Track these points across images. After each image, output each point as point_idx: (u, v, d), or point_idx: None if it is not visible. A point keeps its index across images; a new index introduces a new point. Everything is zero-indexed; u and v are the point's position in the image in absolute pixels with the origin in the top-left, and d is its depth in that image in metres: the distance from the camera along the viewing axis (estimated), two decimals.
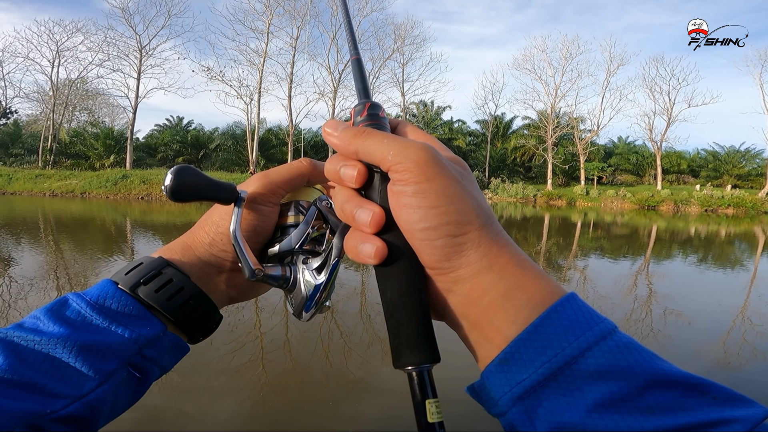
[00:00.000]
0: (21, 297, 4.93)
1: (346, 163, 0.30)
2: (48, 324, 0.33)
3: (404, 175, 0.28)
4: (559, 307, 0.26)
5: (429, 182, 0.27)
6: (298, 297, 0.39)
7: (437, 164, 0.28)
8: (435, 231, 0.27)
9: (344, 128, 0.31)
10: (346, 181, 0.30)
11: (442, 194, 0.27)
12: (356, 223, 0.30)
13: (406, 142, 0.28)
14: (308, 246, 0.40)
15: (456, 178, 0.28)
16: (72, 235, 10.64)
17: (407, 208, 0.28)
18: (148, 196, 22.07)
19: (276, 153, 32.27)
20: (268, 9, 26.46)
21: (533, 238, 12.34)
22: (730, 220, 19.24)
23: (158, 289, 0.36)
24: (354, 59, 0.39)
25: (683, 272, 8.13)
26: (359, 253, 0.29)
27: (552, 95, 31.92)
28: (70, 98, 31.20)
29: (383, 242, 0.29)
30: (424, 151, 0.28)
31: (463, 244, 0.27)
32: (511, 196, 29.29)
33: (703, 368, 3.58)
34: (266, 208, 0.41)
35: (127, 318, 0.35)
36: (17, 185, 23.65)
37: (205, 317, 0.39)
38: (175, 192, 0.36)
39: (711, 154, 34.34)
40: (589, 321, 0.26)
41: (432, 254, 0.28)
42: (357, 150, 0.30)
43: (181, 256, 0.40)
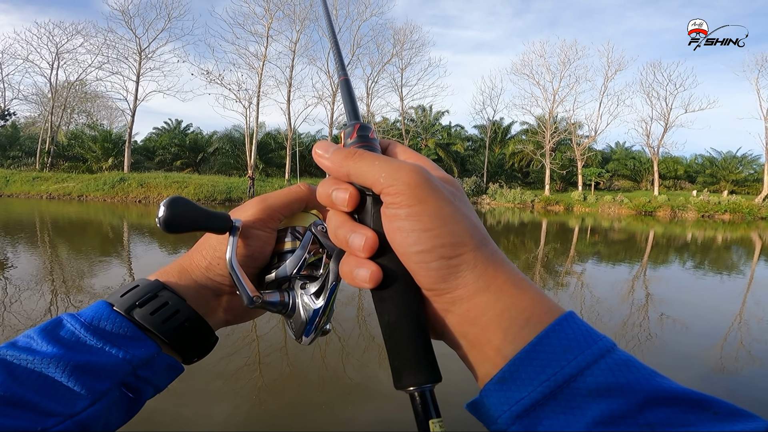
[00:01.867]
0: (16, 300, 4.91)
1: (338, 186, 0.30)
2: (42, 344, 0.33)
3: (396, 198, 0.27)
4: (557, 327, 0.26)
5: (421, 204, 0.27)
6: (297, 321, 0.39)
7: (429, 186, 0.28)
8: (430, 254, 0.27)
9: (335, 150, 0.31)
10: (338, 204, 0.30)
11: (435, 216, 0.27)
12: (350, 248, 0.30)
13: (398, 164, 0.28)
14: (306, 271, 0.40)
15: (449, 199, 0.28)
16: (69, 238, 10.61)
17: (401, 232, 0.28)
18: (146, 199, 22.03)
19: (274, 157, 32.27)
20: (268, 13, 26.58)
21: (531, 244, 12.36)
22: (727, 226, 19.31)
23: (153, 312, 0.37)
24: (342, 80, 0.39)
25: (680, 278, 8.14)
26: (354, 277, 0.29)
27: (550, 100, 32.07)
28: (68, 100, 31.20)
29: (378, 266, 0.29)
30: (416, 173, 0.28)
31: (459, 266, 0.27)
32: (509, 201, 29.34)
33: (700, 373, 3.59)
34: (264, 233, 0.41)
35: (121, 339, 0.35)
36: (14, 187, 23.58)
37: (201, 339, 0.40)
38: (169, 223, 0.36)
39: (708, 159, 34.51)
40: (588, 339, 0.26)
41: (428, 276, 0.28)
42: (348, 172, 0.29)
43: (178, 279, 0.40)
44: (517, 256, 10.06)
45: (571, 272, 8.04)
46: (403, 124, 33.05)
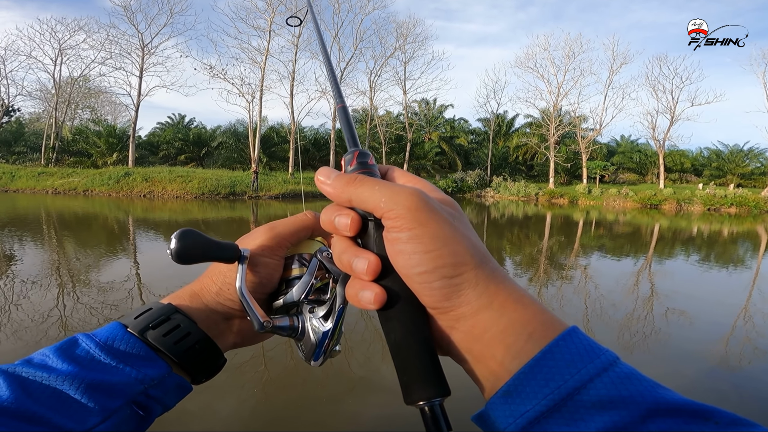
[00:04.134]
0: (24, 296, 4.95)
1: (340, 212, 0.31)
2: (57, 361, 0.34)
3: (397, 221, 0.29)
4: (561, 342, 0.27)
5: (422, 227, 0.28)
6: (308, 344, 0.40)
7: (428, 208, 0.29)
8: (432, 274, 0.28)
9: (337, 177, 0.32)
10: (340, 230, 0.31)
11: (436, 238, 0.28)
12: (354, 272, 0.31)
13: (397, 189, 0.29)
14: (313, 296, 0.41)
15: (448, 221, 0.29)
16: (75, 232, 10.67)
17: (403, 254, 0.29)
18: (150, 194, 22.10)
19: (278, 151, 32.27)
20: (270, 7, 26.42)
21: (535, 237, 12.32)
22: (733, 219, 19.17)
23: (166, 334, 0.38)
24: (339, 107, 0.40)
25: (685, 271, 8.11)
26: (360, 300, 0.30)
27: (554, 93, 31.82)
28: (72, 96, 31.25)
29: (382, 288, 0.30)
30: (415, 197, 0.29)
31: (461, 285, 0.28)
32: (513, 194, 29.24)
33: (705, 368, 3.57)
34: (272, 261, 0.42)
35: (134, 359, 0.36)
36: (20, 183, 23.72)
37: (210, 361, 0.41)
38: (180, 255, 0.37)
39: (714, 152, 34.21)
40: (591, 354, 0.26)
41: (431, 296, 0.29)
42: (350, 198, 0.31)
43: (189, 303, 0.42)
44: (522, 250, 10.03)
45: (575, 266, 8.01)
46: (406, 118, 32.92)
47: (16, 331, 3.81)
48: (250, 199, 21.97)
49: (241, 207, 18.40)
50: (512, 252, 9.75)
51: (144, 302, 4.81)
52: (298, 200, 22.37)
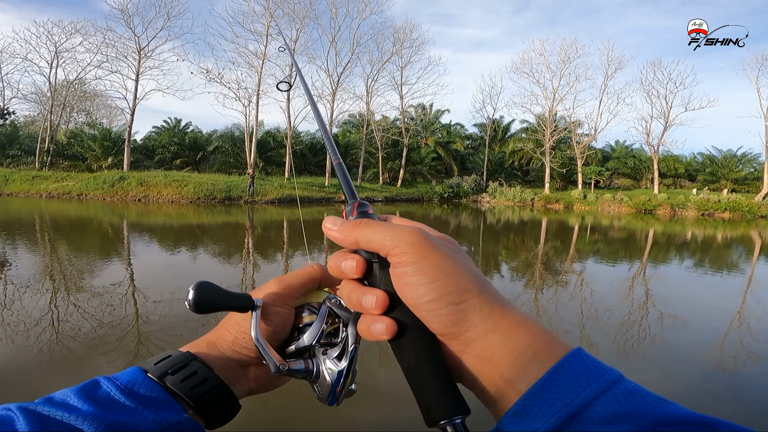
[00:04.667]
0: (17, 299, 4.90)
1: (345, 257, 0.34)
2: (78, 401, 0.35)
3: (402, 257, 0.31)
4: (566, 362, 0.28)
5: (425, 260, 0.31)
6: (324, 385, 0.42)
7: (429, 243, 0.32)
8: (438, 302, 0.30)
9: (343, 222, 0.35)
10: (347, 273, 0.34)
11: (439, 269, 0.31)
12: (364, 308, 0.33)
13: (400, 228, 0.32)
14: (324, 340, 0.43)
15: (448, 253, 0.32)
16: (69, 236, 10.60)
17: (410, 286, 0.31)
18: (146, 198, 22.00)
19: (274, 155, 32.24)
20: (267, 11, 26.45)
21: (531, 242, 12.36)
22: (727, 224, 19.30)
23: (184, 379, 0.40)
24: (337, 164, 0.43)
25: (680, 276, 8.14)
26: (372, 332, 0.32)
27: (550, 99, 32.02)
28: (68, 99, 31.07)
29: (392, 319, 0.32)
30: (416, 233, 0.32)
31: (466, 310, 0.30)
32: (508, 199, 29.33)
33: (700, 372, 3.58)
34: (284, 310, 0.45)
35: (153, 402, 0.37)
36: (14, 186, 23.56)
37: (225, 406, 0.43)
38: (198, 305, 0.40)
39: (708, 158, 34.51)
40: (595, 373, 0.28)
41: (440, 322, 0.31)
42: (357, 240, 0.33)
43: (207, 351, 0.45)
44: (518, 255, 10.05)
45: (571, 271, 8.04)
46: (403, 123, 33.00)
47: (10, 336, 3.77)
48: (246, 203, 21.92)
49: (237, 212, 18.35)
50: (509, 257, 9.76)
51: (137, 308, 4.78)
52: (294, 205, 22.33)
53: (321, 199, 24.61)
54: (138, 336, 3.93)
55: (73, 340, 3.73)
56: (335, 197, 25.17)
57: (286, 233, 12.12)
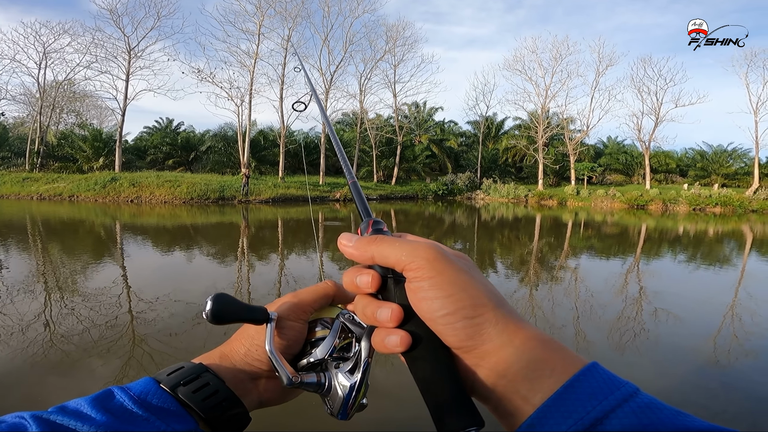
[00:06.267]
0: (9, 302, 4.85)
1: (360, 272, 0.35)
2: (91, 411, 0.35)
3: (418, 272, 0.32)
4: (581, 376, 0.28)
5: (441, 275, 0.32)
6: (335, 399, 0.42)
7: (445, 259, 0.32)
8: (454, 315, 0.31)
9: (358, 239, 0.36)
10: (362, 288, 0.35)
11: (454, 283, 0.31)
12: (378, 321, 0.34)
13: (415, 243, 0.33)
14: (337, 354, 0.44)
15: (463, 269, 0.33)
16: (61, 238, 10.50)
17: (426, 300, 0.32)
18: (138, 199, 21.83)
19: (268, 155, 32.10)
20: (259, 10, 26.30)
21: (525, 238, 12.41)
22: (718, 219, 19.50)
23: (195, 391, 0.40)
24: (351, 182, 0.46)
25: (673, 271, 8.21)
26: (386, 344, 0.33)
27: (542, 96, 32.17)
28: (57, 100, 30.72)
29: (406, 332, 0.33)
30: (432, 249, 0.33)
31: (482, 324, 0.31)
32: (502, 196, 29.44)
33: (693, 366, 3.62)
34: (297, 324, 0.46)
35: (164, 413, 0.38)
36: (4, 189, 23.28)
37: (236, 418, 0.43)
38: (216, 316, 0.41)
39: (699, 153, 34.82)
40: (611, 386, 0.28)
41: (455, 335, 0.31)
42: (373, 255, 0.34)
43: (219, 362, 0.45)
44: (512, 251, 10.09)
45: (565, 267, 8.08)
46: (396, 121, 32.99)
47: (4, 338, 3.73)
48: (240, 203, 21.82)
49: (231, 211, 18.26)
50: (503, 254, 9.80)
51: (132, 309, 4.75)
52: (288, 204, 22.26)
53: (315, 198, 24.56)
54: (133, 337, 3.90)
55: (68, 342, 3.70)
56: (329, 196, 25.13)
57: (281, 232, 12.08)
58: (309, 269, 7.28)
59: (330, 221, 15.09)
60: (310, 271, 7.03)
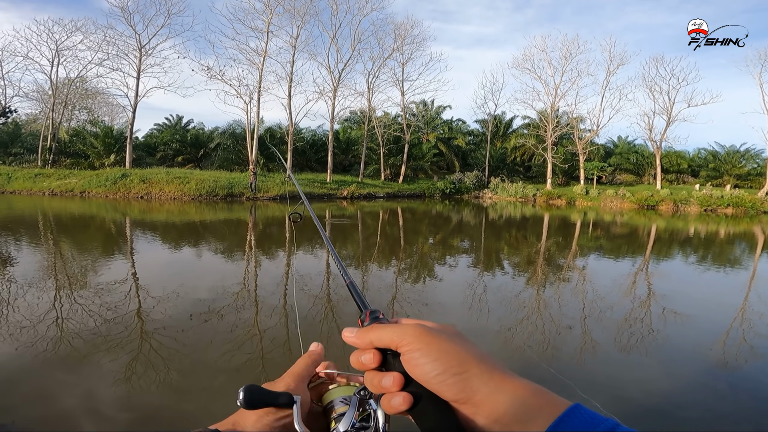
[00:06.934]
0: (20, 296, 4.93)
1: (363, 353, 0.43)
2: None
3: (409, 346, 0.39)
4: (565, 417, 0.33)
5: (428, 346, 0.38)
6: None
7: (429, 333, 0.40)
8: (443, 374, 0.37)
9: (359, 330, 0.44)
10: (367, 364, 0.42)
11: (439, 350, 0.38)
12: (384, 388, 0.40)
13: (404, 326, 0.41)
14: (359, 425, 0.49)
15: (446, 338, 0.40)
16: (72, 234, 10.64)
17: (419, 366, 0.38)
18: (148, 195, 22.04)
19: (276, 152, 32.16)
20: (268, 8, 26.33)
21: (533, 238, 12.34)
22: (730, 220, 19.24)
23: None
24: (348, 282, 0.55)
25: (682, 272, 8.13)
26: (392, 405, 0.39)
27: (552, 95, 31.87)
28: (69, 97, 31.04)
29: (408, 393, 0.39)
30: (418, 328, 0.40)
31: (469, 378, 0.36)
32: (510, 195, 29.29)
33: (701, 368, 3.58)
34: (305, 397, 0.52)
35: None
36: (17, 184, 23.62)
37: None
38: (248, 403, 0.47)
39: (711, 153, 34.33)
40: (592, 423, 0.32)
41: (449, 390, 0.37)
42: (371, 340, 0.42)
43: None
44: (520, 251, 10.04)
45: (573, 267, 8.03)
46: (404, 119, 32.92)
47: (13, 335, 3.79)
48: (248, 200, 21.93)
49: (239, 208, 18.37)
50: (511, 253, 9.76)
51: (141, 303, 4.80)
52: (296, 201, 22.30)
53: (323, 195, 24.61)
54: (141, 333, 3.95)
55: (77, 337, 3.75)
56: (336, 194, 25.16)
57: (287, 229, 12.13)
58: (315, 266, 7.31)
59: (337, 218, 15.12)
60: (317, 269, 7.05)
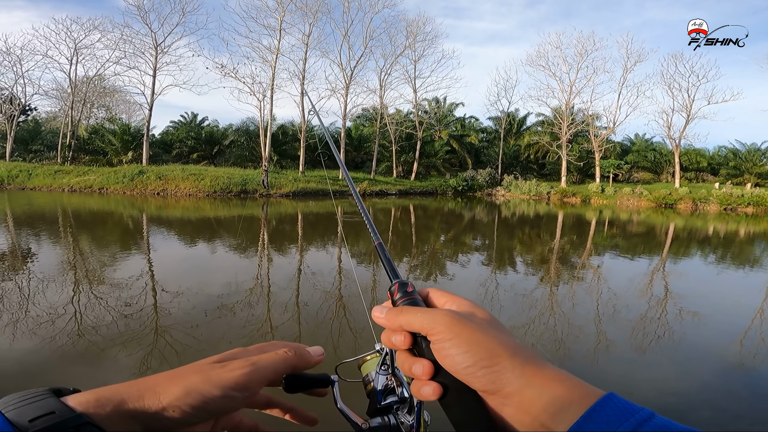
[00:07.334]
0: (39, 291, 5.05)
1: (395, 333, 0.42)
2: None
3: (439, 335, 0.38)
4: (598, 406, 0.32)
5: (458, 336, 0.37)
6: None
7: (460, 322, 0.38)
8: (473, 367, 0.36)
9: (388, 312, 0.43)
10: (398, 345, 0.42)
11: (470, 341, 0.37)
12: (414, 374, 0.40)
13: (434, 313, 0.39)
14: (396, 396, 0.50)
15: (478, 328, 0.38)
16: (91, 230, 10.85)
17: (449, 357, 0.37)
18: (164, 192, 22.38)
19: (289, 149, 32.39)
20: (280, 6, 26.48)
21: (547, 236, 12.22)
22: (750, 219, 18.80)
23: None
24: (378, 244, 0.53)
25: (700, 271, 7.98)
26: (422, 394, 0.39)
27: (567, 92, 31.45)
28: (88, 95, 31.66)
29: (437, 384, 0.39)
30: (448, 316, 0.39)
31: (499, 371, 0.35)
32: (524, 193, 29.02)
33: (717, 368, 3.52)
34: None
35: None
36: (37, 181, 24.19)
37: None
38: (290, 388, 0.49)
39: (731, 151, 33.55)
40: (627, 413, 0.31)
41: (478, 382, 0.36)
42: (401, 324, 0.41)
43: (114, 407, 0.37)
44: (533, 249, 9.95)
45: (588, 266, 7.94)
46: (416, 116, 32.83)
47: (32, 327, 3.89)
48: (261, 197, 22.12)
49: (252, 205, 18.54)
50: (524, 251, 9.68)
51: (156, 299, 4.87)
52: (308, 198, 22.46)
53: (335, 192, 24.69)
54: (156, 328, 4.02)
55: (95, 333, 3.83)
56: (348, 191, 25.20)
57: (300, 226, 12.20)
58: (328, 263, 7.34)
59: (349, 215, 15.16)
60: (329, 265, 7.09)
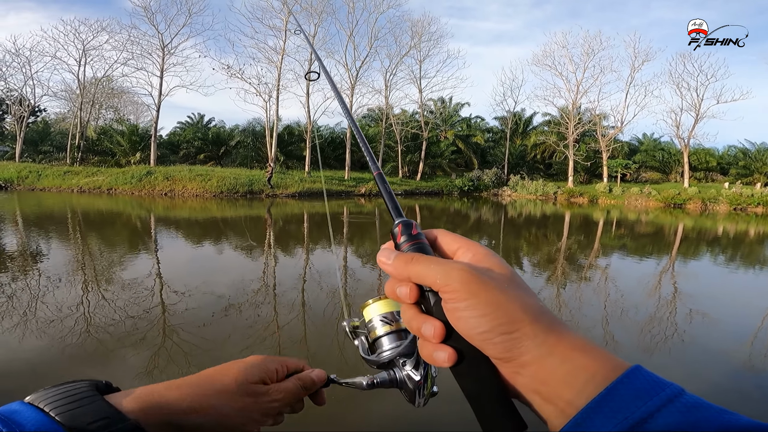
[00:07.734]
0: (49, 291, 5.10)
1: (400, 284, 0.36)
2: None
3: (453, 294, 0.33)
4: (625, 379, 0.29)
5: (475, 297, 0.32)
6: (408, 391, 0.49)
7: (479, 280, 0.33)
8: (490, 333, 0.32)
9: (396, 257, 0.37)
10: (403, 298, 0.36)
11: (489, 303, 0.32)
12: (423, 336, 0.35)
13: (449, 267, 0.34)
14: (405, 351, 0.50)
15: (498, 287, 0.33)
16: (100, 230, 10.95)
17: (463, 320, 0.33)
18: (171, 192, 22.52)
19: (295, 149, 32.51)
20: (285, 6, 26.55)
21: (554, 236, 12.15)
22: (760, 219, 18.58)
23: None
24: (377, 174, 0.46)
25: (710, 272, 7.89)
26: (435, 359, 0.35)
27: (573, 91, 31.23)
28: (96, 96, 31.91)
29: (453, 349, 0.34)
30: (465, 272, 0.33)
31: (519, 338, 0.31)
32: (530, 193, 28.87)
33: (728, 370, 3.48)
34: None
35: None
36: (46, 181, 24.43)
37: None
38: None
39: (741, 151, 33.14)
40: (656, 387, 0.28)
41: (494, 349, 0.32)
42: (409, 275, 0.35)
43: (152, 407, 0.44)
44: (540, 249, 9.90)
45: (595, 266, 7.88)
46: (422, 116, 32.79)
47: (41, 329, 3.93)
48: (267, 197, 22.20)
49: (259, 205, 18.61)
50: (530, 252, 9.63)
51: (164, 300, 4.91)
52: (314, 198, 22.51)
53: (341, 192, 24.72)
54: (163, 327, 4.04)
55: (103, 332, 3.86)
56: (354, 191, 25.24)
57: (305, 227, 12.23)
58: (332, 263, 7.35)
59: (355, 216, 15.17)
60: (333, 266, 7.10)
